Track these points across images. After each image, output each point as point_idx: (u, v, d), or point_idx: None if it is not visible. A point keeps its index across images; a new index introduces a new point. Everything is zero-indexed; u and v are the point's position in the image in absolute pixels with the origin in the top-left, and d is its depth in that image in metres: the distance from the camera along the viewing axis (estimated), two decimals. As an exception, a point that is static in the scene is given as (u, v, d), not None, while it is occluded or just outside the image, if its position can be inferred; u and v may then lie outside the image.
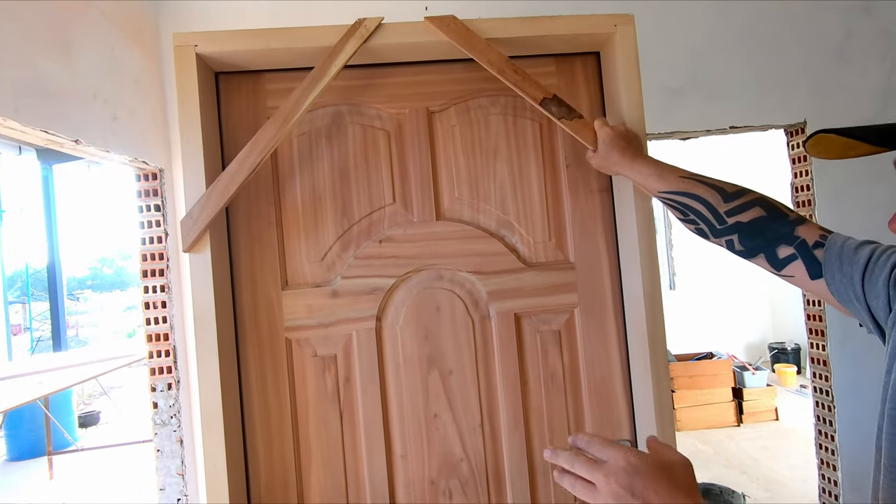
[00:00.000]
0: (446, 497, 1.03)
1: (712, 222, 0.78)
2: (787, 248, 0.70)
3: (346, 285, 1.02)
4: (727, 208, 0.76)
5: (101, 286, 25.34)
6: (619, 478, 0.48)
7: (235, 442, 0.95)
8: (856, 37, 2.41)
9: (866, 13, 2.41)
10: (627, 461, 0.49)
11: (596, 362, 1.07)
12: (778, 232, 0.71)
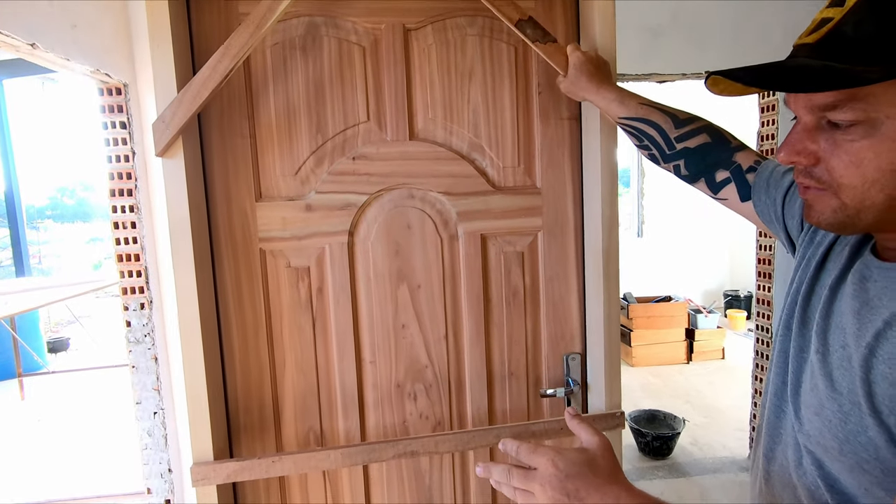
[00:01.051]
0: (411, 399, 1.13)
1: (663, 148, 0.83)
2: (723, 173, 0.76)
3: (319, 200, 1.05)
4: (677, 134, 0.81)
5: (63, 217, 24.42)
6: (553, 484, 0.50)
7: (212, 344, 1.01)
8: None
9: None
10: (556, 466, 0.51)
11: (555, 282, 1.15)
12: (719, 157, 0.77)
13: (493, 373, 1.15)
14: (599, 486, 0.50)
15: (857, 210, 0.46)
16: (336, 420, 1.10)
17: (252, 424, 1.06)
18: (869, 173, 0.44)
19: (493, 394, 1.15)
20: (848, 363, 0.47)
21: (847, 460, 0.47)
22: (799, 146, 0.47)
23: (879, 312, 0.46)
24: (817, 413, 0.49)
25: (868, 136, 0.43)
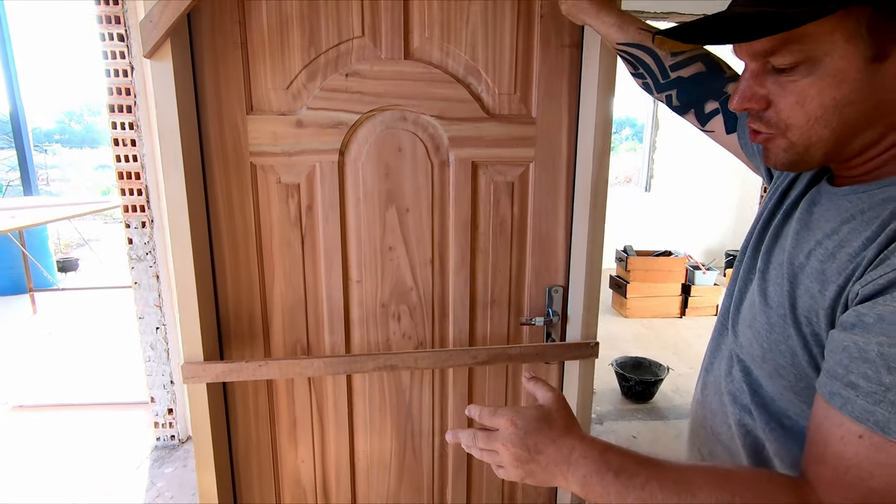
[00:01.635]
0: (395, 319, 1.17)
1: (657, 76, 0.81)
2: (713, 104, 0.75)
3: (310, 116, 1.04)
4: (672, 62, 0.79)
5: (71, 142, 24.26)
6: (513, 441, 0.53)
7: (203, 250, 1.03)
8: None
9: None
10: (514, 425, 0.54)
11: (543, 215, 1.15)
12: (711, 87, 0.75)
13: (476, 299, 1.18)
14: (555, 438, 0.53)
15: (806, 147, 0.47)
16: (322, 334, 1.14)
17: (242, 332, 1.11)
18: (813, 111, 0.44)
19: (475, 319, 1.19)
20: (781, 279, 0.49)
21: (768, 366, 0.50)
22: (748, 93, 0.48)
23: (815, 234, 0.48)
24: (750, 325, 0.52)
25: (809, 75, 0.44)
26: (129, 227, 2.13)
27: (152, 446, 2.36)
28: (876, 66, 0.41)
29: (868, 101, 0.43)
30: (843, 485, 0.39)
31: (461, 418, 1.23)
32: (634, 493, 0.46)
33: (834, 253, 0.45)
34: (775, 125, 0.48)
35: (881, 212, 0.42)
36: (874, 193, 0.45)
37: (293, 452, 1.20)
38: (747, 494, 0.43)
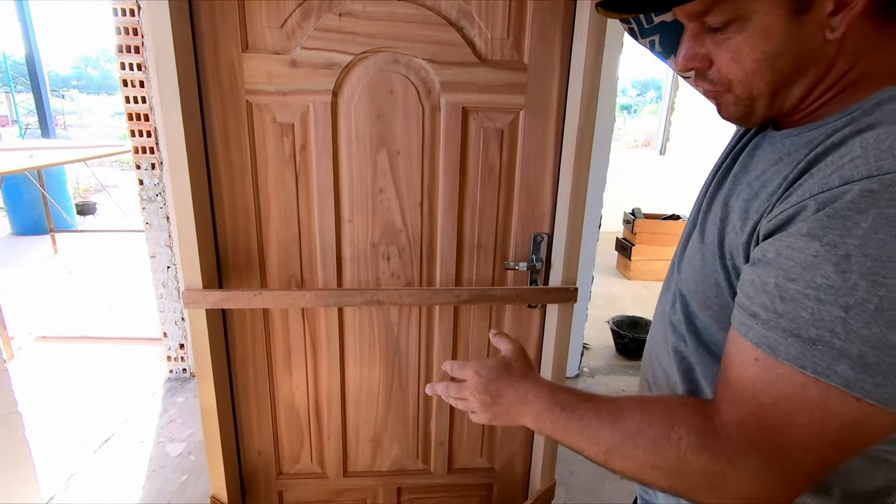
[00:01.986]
0: (385, 259, 1.22)
1: (642, 21, 0.81)
2: None
3: (304, 56, 1.06)
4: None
5: (88, 87, 24.29)
6: (479, 389, 0.60)
7: (201, 185, 1.09)
8: None
9: None
10: (479, 375, 0.61)
11: (531, 163, 1.18)
12: None
13: (462, 243, 1.23)
14: (513, 383, 0.60)
15: (751, 100, 0.49)
16: (316, 270, 1.21)
17: (240, 265, 1.18)
18: (748, 65, 0.46)
19: (461, 262, 1.24)
20: (716, 219, 0.52)
21: (699, 298, 0.54)
22: (690, 53, 0.50)
23: (749, 175, 0.51)
24: (689, 262, 0.57)
25: (741, 32, 0.45)
26: (139, 168, 2.19)
27: (165, 378, 2.51)
28: (800, 19, 0.43)
29: (796, 52, 0.44)
30: (739, 402, 0.44)
31: (446, 355, 1.31)
32: (575, 423, 0.52)
33: (758, 192, 0.48)
34: (719, 82, 0.50)
35: (802, 153, 0.45)
36: (802, 136, 0.47)
37: (288, 378, 1.29)
38: (662, 416, 0.48)
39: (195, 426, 2.16)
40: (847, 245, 0.37)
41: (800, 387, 0.39)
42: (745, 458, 0.42)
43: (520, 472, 1.44)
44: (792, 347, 0.39)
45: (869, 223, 0.36)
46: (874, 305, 0.36)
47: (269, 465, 1.36)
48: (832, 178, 0.40)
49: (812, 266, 0.39)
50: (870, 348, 0.36)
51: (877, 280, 0.36)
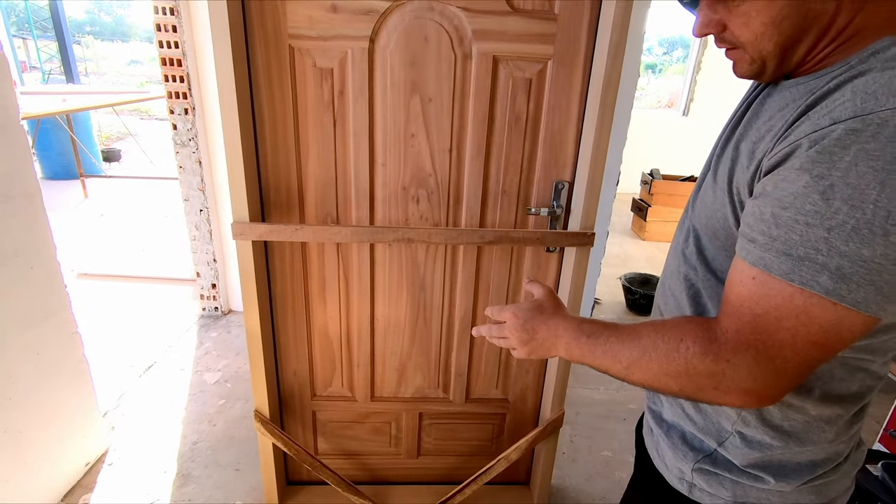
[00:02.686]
0: (414, 202, 1.31)
1: None
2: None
3: (344, 2, 1.11)
4: None
5: (102, 34, 24.04)
6: (516, 328, 0.70)
7: (247, 127, 1.17)
8: None
9: None
10: (516, 316, 0.70)
11: (557, 112, 1.23)
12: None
13: (488, 188, 1.30)
14: (545, 320, 0.69)
15: (762, 59, 0.55)
16: (350, 209, 1.30)
17: (281, 202, 1.28)
18: (756, 28, 0.52)
19: (485, 206, 1.32)
20: (727, 160, 0.59)
21: (710, 231, 0.62)
22: (704, 20, 0.56)
23: (759, 120, 0.57)
24: (702, 200, 0.64)
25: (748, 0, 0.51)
26: (172, 113, 2.27)
27: (198, 315, 2.68)
28: None
29: (799, 13, 0.50)
30: (738, 314, 0.51)
31: (468, 294, 1.41)
32: (600, 347, 0.61)
33: (764, 135, 0.54)
34: (734, 42, 0.56)
35: (804, 99, 0.51)
36: (807, 84, 0.53)
37: (322, 309, 1.41)
38: (672, 332, 0.56)
39: (229, 358, 2.33)
40: (832, 176, 0.44)
41: (788, 297, 0.47)
42: (742, 357, 0.50)
43: (531, 404, 1.57)
44: (783, 265, 0.47)
45: (851, 157, 0.43)
46: (851, 226, 0.43)
47: (303, 386, 1.50)
48: (824, 119, 0.46)
49: (802, 195, 0.46)
50: (847, 262, 0.44)
51: (855, 205, 0.43)
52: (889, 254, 0.42)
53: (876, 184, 0.42)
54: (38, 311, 1.44)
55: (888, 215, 0.42)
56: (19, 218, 1.36)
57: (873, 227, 0.42)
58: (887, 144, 0.42)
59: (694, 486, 0.67)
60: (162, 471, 1.70)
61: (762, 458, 0.61)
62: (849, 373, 0.56)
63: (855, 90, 0.45)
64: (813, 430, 0.59)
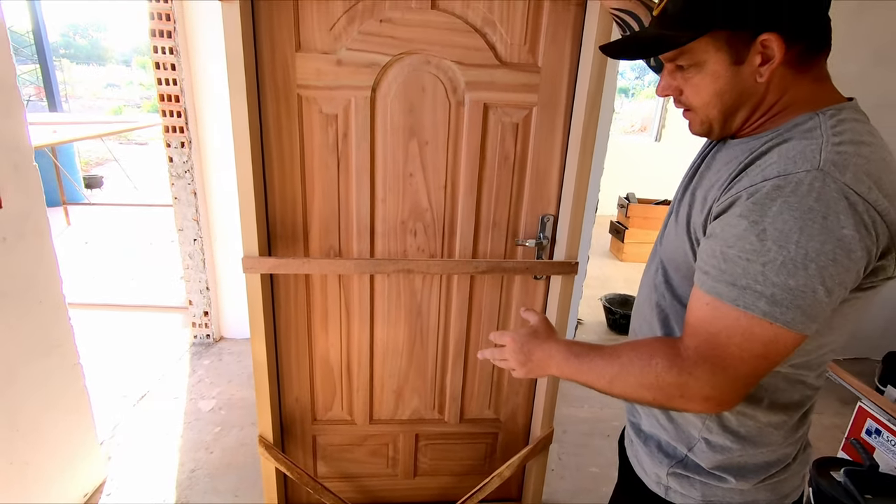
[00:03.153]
0: (412, 235, 1.41)
1: None
2: None
3: (349, 56, 1.23)
4: None
5: (77, 57, 23.84)
6: (515, 351, 0.80)
7: (258, 169, 1.26)
8: None
9: None
10: (514, 341, 0.81)
11: (541, 153, 1.36)
12: None
13: (480, 221, 1.41)
14: (540, 344, 0.80)
15: (709, 121, 0.68)
16: (352, 242, 1.39)
17: (287, 237, 1.36)
18: (704, 97, 0.66)
19: (478, 238, 1.43)
20: (685, 204, 0.71)
21: (674, 263, 0.73)
22: (665, 84, 0.70)
23: (710, 172, 0.70)
24: (668, 238, 0.76)
25: (699, 73, 0.64)
26: (169, 146, 2.34)
27: (190, 343, 2.70)
28: (737, 68, 0.62)
29: (736, 90, 0.63)
30: (696, 333, 0.62)
31: (462, 319, 1.50)
32: (587, 365, 0.71)
33: (713, 185, 0.66)
34: (686, 105, 0.69)
35: (743, 157, 0.63)
36: (746, 145, 0.66)
37: (324, 337, 1.48)
38: (645, 351, 0.66)
39: (222, 385, 2.36)
40: (764, 222, 0.56)
41: (735, 319, 0.58)
42: (701, 369, 0.61)
43: (521, 423, 1.66)
44: (731, 293, 0.58)
45: (777, 207, 0.55)
46: (780, 261, 0.54)
47: (305, 411, 1.56)
48: (757, 176, 0.58)
49: (743, 237, 0.57)
50: (778, 290, 0.55)
51: (782, 244, 0.54)
52: (809, 283, 0.54)
53: (796, 229, 0.54)
54: (45, 344, 1.48)
55: (806, 253, 0.53)
56: (31, 254, 1.41)
57: (797, 263, 0.54)
58: (802, 199, 0.54)
59: (669, 488, 0.77)
60: (161, 500, 1.72)
61: (725, 461, 0.72)
62: (790, 385, 0.68)
63: (780, 154, 0.58)
64: (764, 434, 0.70)
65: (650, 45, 0.67)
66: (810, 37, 0.61)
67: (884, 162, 0.56)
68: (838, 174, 0.54)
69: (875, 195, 0.54)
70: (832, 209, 0.53)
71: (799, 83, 0.62)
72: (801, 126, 0.60)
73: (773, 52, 0.59)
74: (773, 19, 0.58)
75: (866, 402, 1.74)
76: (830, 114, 0.60)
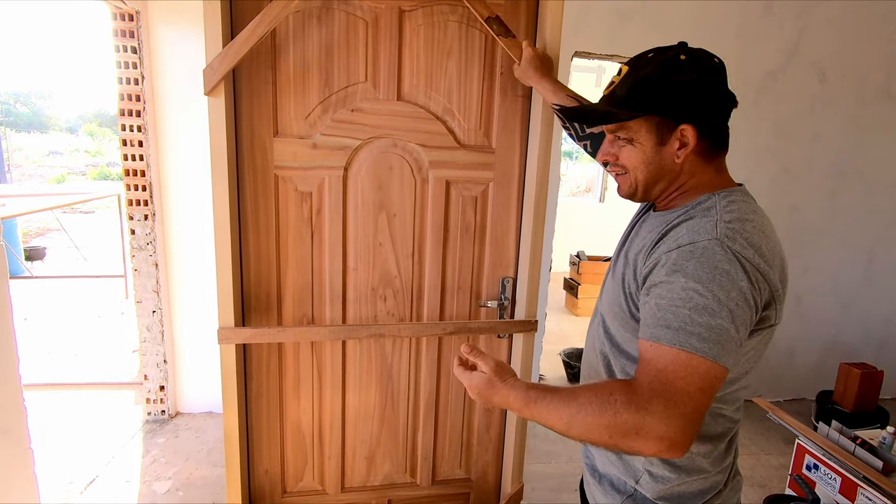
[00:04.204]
0: (382, 300, 1.49)
1: (578, 131, 1.17)
2: None
3: (323, 141, 1.35)
4: None
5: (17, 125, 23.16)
6: (473, 392, 0.81)
7: (235, 245, 1.33)
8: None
9: (795, -29, 2.70)
10: (471, 387, 0.81)
11: (499, 222, 1.50)
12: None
13: (445, 285, 1.52)
14: (496, 392, 0.81)
15: (636, 185, 0.84)
16: (325, 309, 1.45)
17: (261, 307, 1.41)
18: (633, 166, 0.82)
19: (444, 301, 1.53)
20: (620, 265, 0.85)
21: (611, 314, 0.86)
22: (605, 151, 0.86)
23: (638, 238, 0.85)
24: (606, 293, 0.89)
25: (631, 146, 0.81)
26: (132, 218, 2.35)
27: (143, 420, 2.58)
28: (660, 148, 0.79)
29: (657, 165, 0.80)
30: (646, 371, 0.72)
31: (432, 379, 1.57)
32: (545, 408, 0.77)
33: (641, 249, 0.81)
34: (621, 167, 0.85)
35: (662, 227, 0.79)
36: (664, 217, 0.81)
37: (296, 404, 1.50)
38: (603, 389, 0.76)
39: (179, 464, 2.25)
40: (685, 278, 0.69)
41: (675, 355, 0.68)
42: (654, 403, 0.68)
43: (492, 481, 1.69)
44: (668, 334, 0.69)
45: (692, 266, 0.69)
46: (702, 306, 0.67)
47: (274, 484, 1.54)
48: (673, 243, 0.73)
49: (671, 290, 0.70)
50: (703, 329, 0.67)
51: (701, 293, 0.67)
52: (724, 323, 0.67)
53: (709, 280, 0.67)
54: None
55: (720, 299, 0.67)
56: (-9, 334, 1.38)
57: (712, 307, 0.67)
58: (709, 259, 0.68)
59: None
60: None
61: (667, 491, 0.81)
62: (713, 419, 0.80)
63: (687, 228, 0.73)
64: (696, 462, 0.81)
65: (598, 116, 0.84)
66: (715, 136, 0.79)
67: (763, 234, 0.72)
68: (730, 243, 0.69)
69: (757, 259, 0.69)
70: (732, 267, 0.68)
71: (704, 170, 0.80)
72: (702, 204, 0.76)
73: (688, 139, 0.76)
74: (692, 115, 0.76)
75: (803, 439, 1.90)
76: (724, 195, 0.76)
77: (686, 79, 0.76)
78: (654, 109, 0.77)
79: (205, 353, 2.57)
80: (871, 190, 2.98)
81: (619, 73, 0.82)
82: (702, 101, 0.76)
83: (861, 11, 2.72)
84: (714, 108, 0.77)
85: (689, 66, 0.76)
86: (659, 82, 0.77)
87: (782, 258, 0.75)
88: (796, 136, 2.83)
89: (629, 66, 0.81)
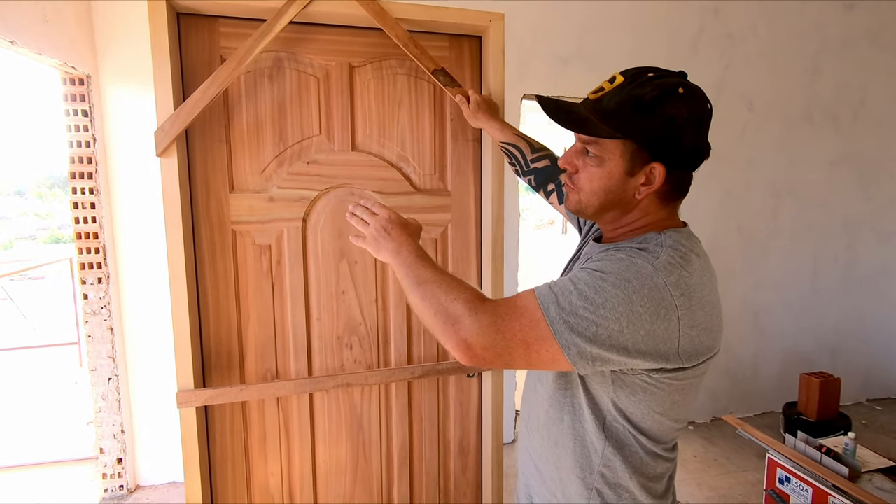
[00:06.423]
0: (348, 348, 1.47)
1: (523, 166, 1.23)
2: (553, 184, 1.17)
3: (280, 193, 1.37)
4: (531, 157, 1.21)
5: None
6: (381, 223, 0.93)
7: (193, 303, 1.30)
8: (706, 33, 2.98)
9: (715, 14, 2.97)
10: (389, 216, 0.94)
11: (460, 261, 1.53)
12: (551, 174, 1.18)
13: (411, 329, 1.52)
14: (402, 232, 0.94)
15: (585, 206, 0.82)
16: (289, 362, 1.42)
17: (221, 365, 1.37)
18: (593, 187, 0.79)
19: (411, 344, 1.52)
20: None
21: None
22: (568, 158, 0.82)
23: (579, 264, 0.87)
24: None
25: (598, 167, 0.78)
26: (84, 283, 2.26)
27: (100, 498, 2.40)
28: (627, 178, 0.76)
29: (617, 194, 0.78)
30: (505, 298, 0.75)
31: (403, 426, 1.54)
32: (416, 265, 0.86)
33: None
34: (575, 185, 0.82)
35: None
36: (606, 250, 0.85)
37: (263, 464, 1.44)
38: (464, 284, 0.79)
39: (140, 543, 2.09)
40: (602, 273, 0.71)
41: (533, 314, 0.70)
42: (485, 316, 0.72)
43: (473, 527, 1.64)
44: (542, 290, 0.72)
45: (616, 266, 0.71)
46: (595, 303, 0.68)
47: (244, 554, 1.45)
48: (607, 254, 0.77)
49: (585, 273, 0.73)
50: (577, 321, 0.68)
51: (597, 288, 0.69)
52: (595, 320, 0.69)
53: (622, 286, 0.70)
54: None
55: (605, 300, 0.69)
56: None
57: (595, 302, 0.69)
58: (635, 273, 0.71)
59: None
60: None
61: None
62: (652, 459, 0.81)
63: (627, 251, 0.76)
64: (639, 501, 0.81)
65: (579, 121, 0.75)
66: (680, 183, 0.78)
67: (700, 280, 0.73)
68: (665, 275, 0.70)
69: (682, 301, 0.70)
70: (654, 293, 0.69)
71: (658, 212, 0.80)
72: (649, 241, 0.78)
73: (654, 178, 0.74)
74: (668, 156, 0.73)
75: (773, 452, 1.94)
76: (669, 234, 0.77)
77: (676, 115, 0.71)
78: (637, 137, 0.72)
79: (165, 420, 2.44)
80: (805, 207, 3.19)
81: (611, 81, 0.76)
82: (682, 145, 0.73)
83: (776, 48, 3.00)
84: (690, 156, 0.75)
85: (683, 102, 0.72)
86: (651, 108, 0.71)
87: (714, 306, 0.75)
88: (733, 161, 3.03)
89: (624, 78, 0.75)
